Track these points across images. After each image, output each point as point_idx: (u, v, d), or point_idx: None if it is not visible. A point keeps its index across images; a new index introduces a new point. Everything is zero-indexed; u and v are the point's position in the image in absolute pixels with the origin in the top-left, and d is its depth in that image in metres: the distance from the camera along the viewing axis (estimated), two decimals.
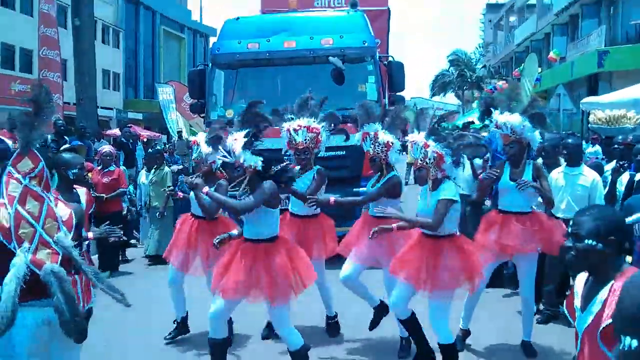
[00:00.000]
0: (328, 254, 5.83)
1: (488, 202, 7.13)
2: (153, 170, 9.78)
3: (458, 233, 4.81)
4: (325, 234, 5.83)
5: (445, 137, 4.67)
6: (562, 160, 6.70)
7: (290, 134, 5.60)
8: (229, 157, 4.59)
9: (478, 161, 7.17)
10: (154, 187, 9.61)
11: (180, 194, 6.36)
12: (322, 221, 5.89)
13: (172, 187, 8.91)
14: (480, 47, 57.13)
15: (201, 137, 5.67)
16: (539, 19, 35.63)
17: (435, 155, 4.59)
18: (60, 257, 2.97)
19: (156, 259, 9.39)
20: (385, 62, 9.59)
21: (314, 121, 5.64)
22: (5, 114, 10.56)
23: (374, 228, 4.87)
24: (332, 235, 5.89)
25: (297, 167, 5.24)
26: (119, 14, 40.02)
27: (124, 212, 9.49)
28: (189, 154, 6.42)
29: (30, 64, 28.51)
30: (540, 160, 6.85)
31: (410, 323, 4.99)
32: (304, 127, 5.57)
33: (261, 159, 4.47)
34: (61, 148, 7.17)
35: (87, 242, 4.94)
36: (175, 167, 13.57)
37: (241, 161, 4.44)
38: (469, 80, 47.94)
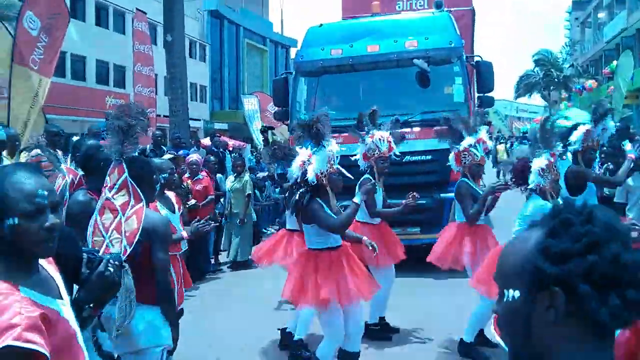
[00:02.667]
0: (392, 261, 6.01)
1: None
2: (234, 177, 10.03)
3: None
4: (388, 241, 5.99)
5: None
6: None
7: (375, 143, 5.89)
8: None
9: None
10: (235, 194, 9.86)
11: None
12: (382, 229, 6.05)
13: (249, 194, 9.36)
14: (566, 45, 55.18)
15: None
16: (629, 14, 34.01)
17: None
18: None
19: (235, 265, 9.71)
20: (473, 63, 9.42)
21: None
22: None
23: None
24: (394, 241, 6.11)
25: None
26: (205, 29, 41.36)
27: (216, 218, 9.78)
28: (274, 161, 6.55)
29: (123, 80, 29.97)
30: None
31: None
32: (384, 137, 5.94)
33: None
34: (164, 156, 7.55)
35: (183, 246, 5.21)
36: (261, 175, 13.92)
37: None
38: (555, 80, 46.38)
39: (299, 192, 4.54)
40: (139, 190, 3.37)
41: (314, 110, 9.64)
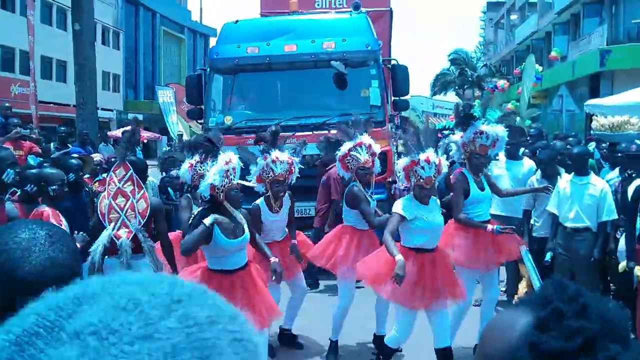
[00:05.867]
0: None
1: None
2: None
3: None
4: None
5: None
6: (561, 170, 6.63)
7: (269, 165, 5.40)
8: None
9: None
10: None
11: None
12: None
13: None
14: (480, 45, 57.00)
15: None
16: (540, 18, 35.44)
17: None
18: (132, 235, 4.70)
19: None
20: (389, 66, 9.45)
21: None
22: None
23: None
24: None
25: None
26: (119, 15, 39.92)
27: None
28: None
29: (28, 67, 28.41)
30: (539, 172, 6.78)
31: None
32: (283, 159, 5.44)
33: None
34: (73, 156, 7.15)
35: None
36: (176, 172, 13.45)
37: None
38: (469, 79, 47.82)
39: (197, 212, 4.41)
40: (140, 182, 4.86)
41: (230, 110, 9.43)
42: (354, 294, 5.66)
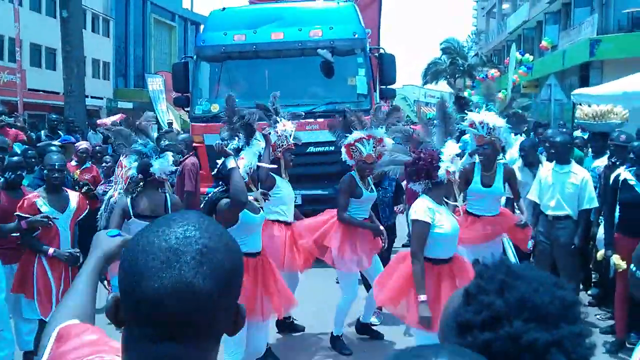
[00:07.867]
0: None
1: None
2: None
3: None
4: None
5: None
6: (543, 158, 6.67)
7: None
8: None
9: None
10: None
11: None
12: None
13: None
14: (472, 34, 56.93)
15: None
16: (531, 7, 35.40)
17: None
18: None
19: None
20: (376, 54, 9.44)
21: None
22: None
23: None
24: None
25: None
26: (109, 3, 39.62)
27: None
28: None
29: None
30: (520, 161, 6.85)
31: None
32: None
33: None
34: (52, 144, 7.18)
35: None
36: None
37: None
38: (461, 68, 47.82)
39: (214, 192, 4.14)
40: None
41: (216, 98, 9.40)
42: (357, 287, 5.60)
